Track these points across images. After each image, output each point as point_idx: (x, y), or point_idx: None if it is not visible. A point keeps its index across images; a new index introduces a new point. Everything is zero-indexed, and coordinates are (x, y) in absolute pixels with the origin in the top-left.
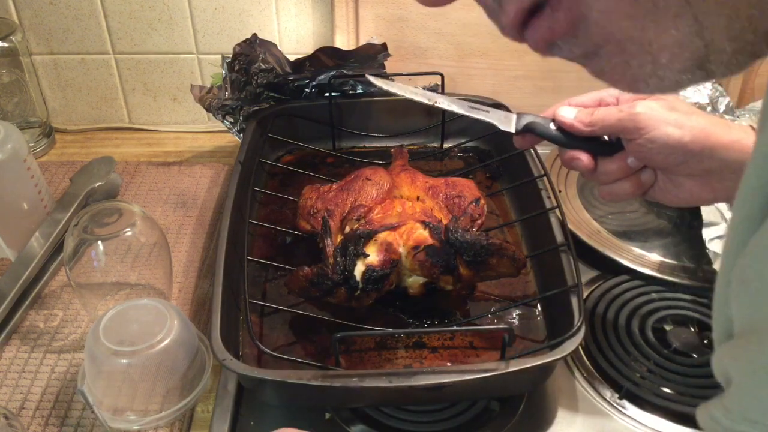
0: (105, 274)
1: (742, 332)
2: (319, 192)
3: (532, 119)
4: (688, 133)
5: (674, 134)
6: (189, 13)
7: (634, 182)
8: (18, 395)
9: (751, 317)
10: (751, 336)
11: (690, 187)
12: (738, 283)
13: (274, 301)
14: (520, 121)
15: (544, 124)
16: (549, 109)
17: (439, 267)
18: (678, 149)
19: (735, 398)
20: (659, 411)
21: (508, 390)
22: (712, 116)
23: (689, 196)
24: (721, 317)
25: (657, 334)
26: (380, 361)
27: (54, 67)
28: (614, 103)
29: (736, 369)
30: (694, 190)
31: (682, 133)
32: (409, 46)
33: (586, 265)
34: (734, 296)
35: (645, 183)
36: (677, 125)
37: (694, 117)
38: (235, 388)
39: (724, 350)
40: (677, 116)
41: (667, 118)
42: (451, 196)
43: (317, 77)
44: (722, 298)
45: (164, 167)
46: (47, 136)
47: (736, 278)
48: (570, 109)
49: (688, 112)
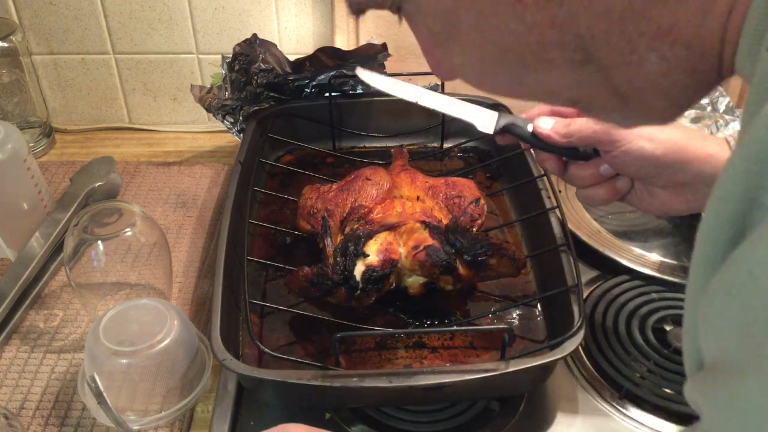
0: (105, 274)
1: (709, 366)
2: (319, 192)
3: (512, 121)
4: (661, 147)
5: (647, 147)
6: (189, 13)
7: (608, 189)
8: (18, 395)
9: (718, 352)
10: (718, 370)
11: (664, 197)
12: (702, 320)
13: (274, 301)
14: (499, 122)
15: (522, 127)
16: (532, 110)
17: (439, 267)
18: (651, 162)
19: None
20: (659, 411)
21: (508, 390)
22: (689, 129)
23: (663, 206)
24: (690, 348)
25: (657, 334)
26: (380, 361)
27: (54, 67)
28: None
29: (705, 403)
30: (667, 200)
31: (654, 147)
32: (409, 46)
33: (586, 265)
34: (702, 331)
35: (620, 190)
36: (650, 139)
37: (669, 130)
38: (235, 388)
39: (694, 382)
40: (651, 130)
41: (641, 132)
42: (451, 196)
43: (317, 77)
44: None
45: (164, 167)
46: (47, 136)
47: (701, 316)
48: (548, 120)
49: None
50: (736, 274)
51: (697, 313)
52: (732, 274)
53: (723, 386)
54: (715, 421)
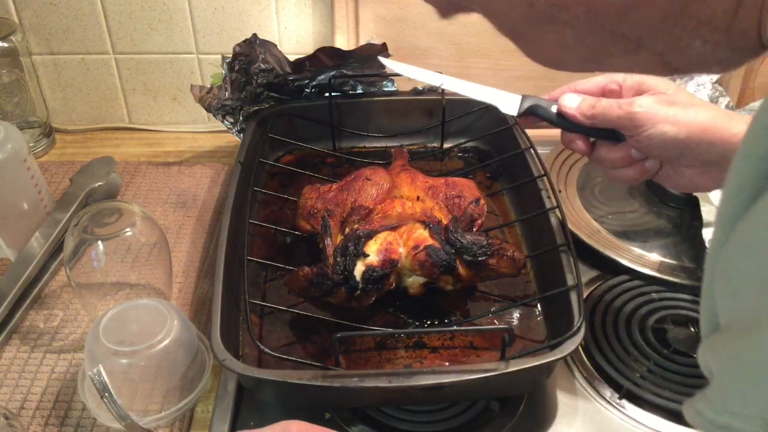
0: (105, 274)
1: (725, 326)
2: (319, 192)
3: (536, 102)
4: (685, 130)
5: (670, 132)
6: (189, 13)
7: (638, 169)
8: (18, 395)
9: (732, 311)
10: (732, 330)
11: (690, 175)
12: (720, 278)
13: (274, 301)
14: (523, 104)
15: (546, 108)
16: (555, 91)
17: (439, 267)
18: (675, 145)
19: (717, 391)
20: (659, 411)
21: (508, 390)
22: (714, 108)
23: (689, 183)
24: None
25: (657, 334)
26: (380, 361)
27: (54, 67)
28: (618, 92)
29: (717, 362)
30: (694, 178)
31: (678, 130)
32: (409, 46)
33: (586, 265)
34: (718, 291)
35: (649, 170)
36: (674, 123)
37: (693, 111)
38: (235, 388)
39: (707, 344)
40: (675, 111)
41: (665, 115)
42: (451, 196)
43: (317, 77)
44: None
45: (164, 167)
46: (47, 136)
47: (719, 273)
48: (574, 98)
49: (687, 104)
50: (755, 229)
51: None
52: (752, 229)
53: (736, 342)
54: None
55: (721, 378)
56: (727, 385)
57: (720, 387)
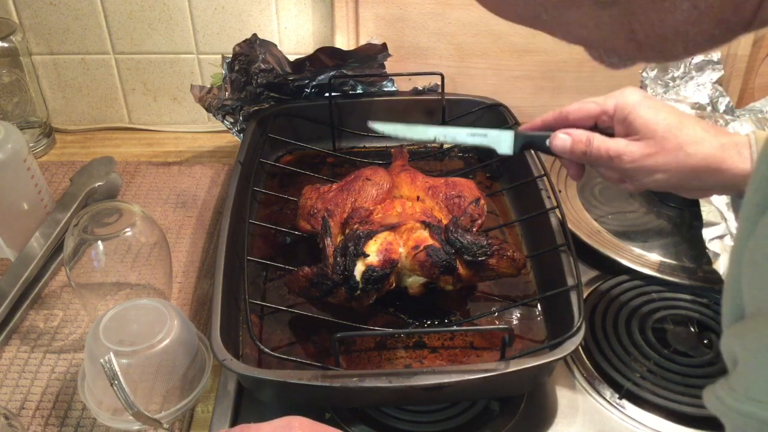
0: (105, 274)
1: (751, 314)
2: (319, 192)
3: (530, 140)
4: (676, 175)
5: (661, 179)
6: (189, 13)
7: (636, 186)
8: (18, 395)
9: (760, 298)
10: (759, 317)
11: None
12: (748, 264)
13: (274, 301)
14: (517, 143)
15: (540, 143)
16: (547, 116)
17: (439, 267)
18: (668, 187)
19: (740, 378)
20: (659, 411)
21: (508, 390)
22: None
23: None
24: (730, 300)
25: (657, 334)
26: (380, 361)
27: (54, 67)
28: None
29: (742, 349)
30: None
31: (669, 177)
32: (409, 46)
33: (586, 265)
34: (745, 278)
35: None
36: (665, 170)
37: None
38: (235, 388)
39: (732, 331)
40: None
41: (655, 166)
42: (451, 196)
43: (317, 77)
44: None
45: (164, 167)
46: (47, 136)
47: (747, 260)
48: (565, 140)
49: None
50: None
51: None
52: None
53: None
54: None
55: (745, 365)
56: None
57: (745, 374)
